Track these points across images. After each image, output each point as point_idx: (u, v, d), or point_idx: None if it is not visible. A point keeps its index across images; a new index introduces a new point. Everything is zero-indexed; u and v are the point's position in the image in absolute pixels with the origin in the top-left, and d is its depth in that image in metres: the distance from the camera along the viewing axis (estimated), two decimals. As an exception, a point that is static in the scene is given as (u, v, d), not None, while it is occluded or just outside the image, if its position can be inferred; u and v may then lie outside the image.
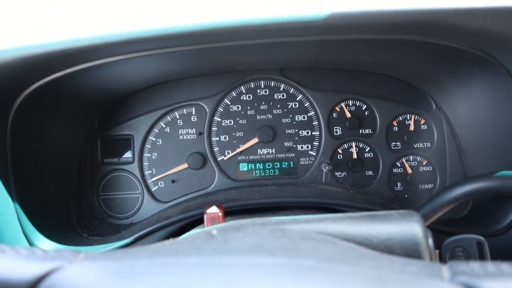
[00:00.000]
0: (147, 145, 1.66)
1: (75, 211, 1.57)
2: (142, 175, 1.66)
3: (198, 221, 1.37)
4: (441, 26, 1.13)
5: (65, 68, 1.26)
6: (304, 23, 1.09)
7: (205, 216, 1.11)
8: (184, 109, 1.65)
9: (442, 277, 0.56)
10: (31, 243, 1.33)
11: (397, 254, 0.79)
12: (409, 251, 0.80)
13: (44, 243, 1.35)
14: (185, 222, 1.37)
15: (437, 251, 1.02)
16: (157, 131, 1.65)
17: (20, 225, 1.31)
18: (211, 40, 1.24)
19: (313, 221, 0.87)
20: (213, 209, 1.12)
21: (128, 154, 1.66)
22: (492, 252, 1.04)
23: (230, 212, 1.28)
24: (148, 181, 1.66)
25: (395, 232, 0.83)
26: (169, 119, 1.65)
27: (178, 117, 1.65)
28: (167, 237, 1.38)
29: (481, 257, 1.04)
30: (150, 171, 1.66)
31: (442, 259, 1.04)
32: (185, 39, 1.22)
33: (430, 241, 0.83)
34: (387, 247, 0.81)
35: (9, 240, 1.29)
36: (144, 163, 1.66)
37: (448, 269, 0.58)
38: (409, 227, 0.84)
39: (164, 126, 1.65)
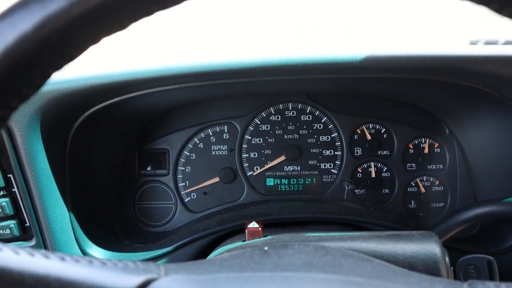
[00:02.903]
0: (181, 159, 1.77)
1: (117, 220, 1.69)
2: (176, 186, 1.78)
3: (231, 233, 1.51)
4: (462, 70, 1.26)
5: (122, 95, 1.39)
6: (340, 64, 1.22)
7: (246, 231, 1.26)
8: (217, 127, 1.77)
9: (465, 293, 0.69)
10: (82, 250, 1.45)
11: (419, 271, 0.91)
12: (430, 268, 0.91)
13: (93, 250, 1.48)
14: (221, 233, 1.50)
15: (451, 268, 1.16)
16: (191, 146, 1.77)
17: (74, 233, 1.44)
18: (251, 75, 1.37)
19: (347, 239, 0.99)
20: (253, 224, 1.26)
21: (163, 167, 1.78)
22: (498, 269, 1.18)
23: (263, 225, 1.42)
24: (182, 193, 1.78)
25: (418, 251, 0.94)
26: (203, 136, 1.77)
27: (211, 134, 1.77)
28: (203, 246, 1.51)
29: (490, 274, 1.17)
30: (184, 183, 1.78)
31: (456, 276, 1.18)
32: (228, 74, 1.35)
33: (447, 259, 0.94)
34: (411, 264, 0.92)
35: (64, 246, 1.41)
36: (178, 176, 1.78)
37: (468, 287, 0.71)
38: (429, 247, 0.95)
39: (198, 142, 1.77)
